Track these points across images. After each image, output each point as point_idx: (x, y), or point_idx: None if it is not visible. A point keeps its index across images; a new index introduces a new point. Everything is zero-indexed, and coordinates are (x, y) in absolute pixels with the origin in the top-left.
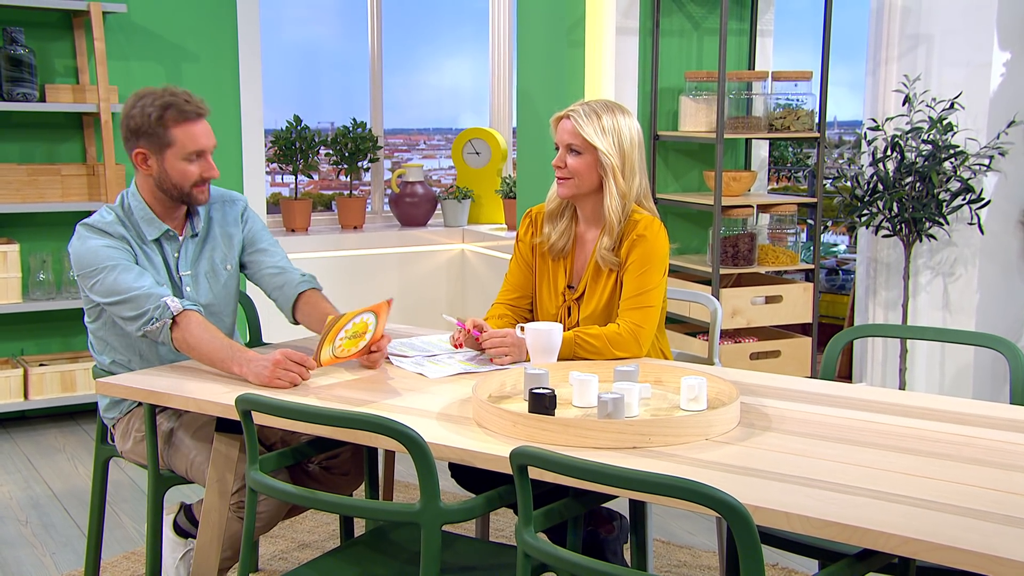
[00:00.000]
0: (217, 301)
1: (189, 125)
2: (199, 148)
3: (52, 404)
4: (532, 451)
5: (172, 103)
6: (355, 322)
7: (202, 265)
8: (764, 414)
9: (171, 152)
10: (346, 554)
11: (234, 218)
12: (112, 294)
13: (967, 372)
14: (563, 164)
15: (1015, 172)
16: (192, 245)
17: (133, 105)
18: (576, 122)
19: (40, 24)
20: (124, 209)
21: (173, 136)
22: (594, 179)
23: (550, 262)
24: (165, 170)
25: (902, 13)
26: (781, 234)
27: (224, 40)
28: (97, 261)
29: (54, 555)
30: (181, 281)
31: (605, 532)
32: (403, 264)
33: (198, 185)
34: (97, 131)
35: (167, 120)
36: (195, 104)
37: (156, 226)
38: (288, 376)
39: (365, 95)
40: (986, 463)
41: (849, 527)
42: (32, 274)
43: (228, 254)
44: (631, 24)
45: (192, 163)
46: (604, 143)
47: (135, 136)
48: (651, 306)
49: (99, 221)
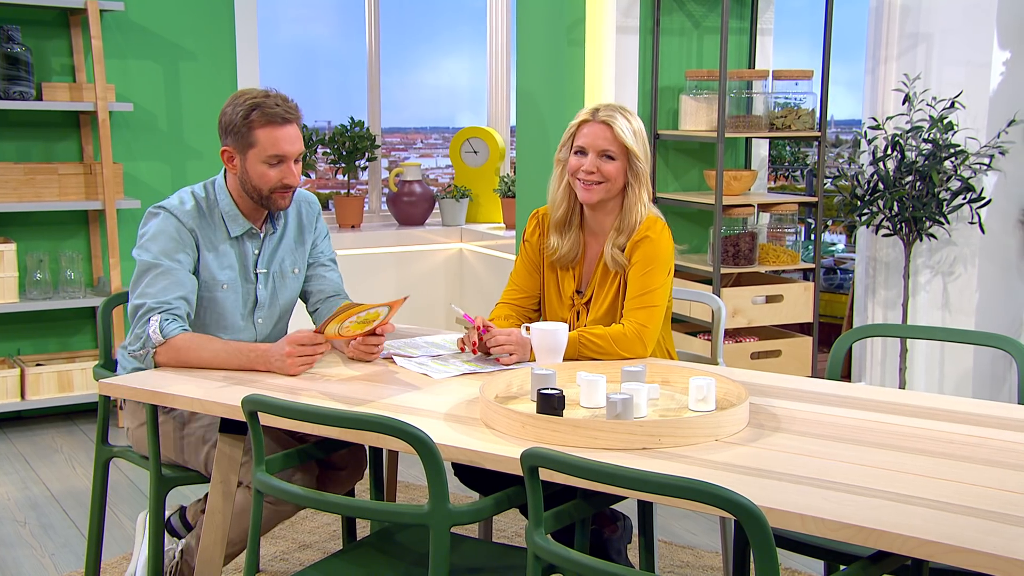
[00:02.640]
0: (282, 302)
1: (273, 128)
2: (279, 152)
3: (49, 404)
4: (544, 453)
5: (260, 104)
6: (369, 311)
7: (275, 265)
8: (773, 415)
9: (252, 153)
10: (352, 556)
11: (310, 220)
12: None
13: (967, 372)
14: (595, 169)
15: (1015, 171)
16: (271, 243)
17: (228, 103)
18: (617, 128)
19: (37, 22)
20: (208, 200)
21: (256, 137)
22: (621, 184)
23: (559, 269)
24: (246, 170)
25: (901, 12)
26: (780, 233)
27: (222, 38)
28: (150, 255)
29: (53, 556)
30: (257, 279)
31: (609, 532)
32: (401, 263)
33: (278, 190)
34: (94, 130)
35: (252, 121)
36: (284, 108)
37: (240, 223)
38: (307, 361)
39: (363, 94)
40: (1000, 464)
41: (866, 529)
42: (29, 273)
43: (298, 258)
44: (631, 23)
45: (272, 167)
46: (639, 148)
47: (224, 133)
48: (655, 306)
49: (177, 207)
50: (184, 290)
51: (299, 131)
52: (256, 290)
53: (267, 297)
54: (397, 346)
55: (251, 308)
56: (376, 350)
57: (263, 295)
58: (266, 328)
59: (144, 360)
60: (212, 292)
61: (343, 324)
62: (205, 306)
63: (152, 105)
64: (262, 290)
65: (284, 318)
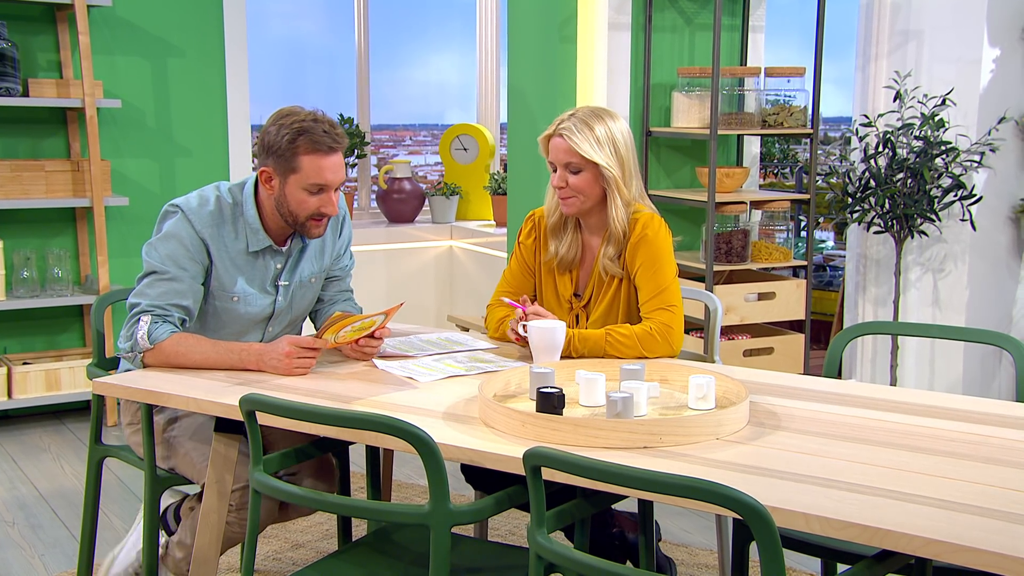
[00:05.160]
0: (298, 311)
1: (319, 157)
2: (323, 182)
3: (36, 403)
4: (547, 452)
5: (308, 130)
6: (363, 321)
7: (296, 277)
8: (772, 413)
9: (294, 179)
10: (350, 556)
11: (334, 228)
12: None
13: (957, 369)
14: (564, 184)
15: (1005, 168)
16: (295, 256)
17: (273, 122)
18: (570, 140)
19: (23, 17)
20: (233, 206)
21: (300, 163)
22: (598, 192)
23: (556, 273)
24: (285, 195)
25: (892, 9)
26: (771, 230)
27: (210, 35)
28: (157, 257)
29: (43, 556)
30: (278, 290)
31: (632, 532)
32: (391, 261)
33: (314, 218)
34: (82, 126)
35: (298, 146)
36: (332, 136)
37: (261, 239)
38: (305, 363)
39: (352, 90)
40: (1003, 463)
41: (870, 528)
42: (15, 271)
43: (317, 267)
44: (623, 20)
45: (312, 195)
46: (602, 156)
47: (265, 153)
48: (675, 305)
49: (194, 211)
50: (183, 299)
51: (343, 160)
52: (275, 302)
53: (284, 307)
54: (393, 345)
55: (266, 318)
56: (373, 352)
57: (281, 305)
58: (275, 336)
59: (133, 362)
60: (222, 302)
61: (339, 333)
62: (212, 314)
63: (140, 101)
64: (281, 301)
65: (296, 325)
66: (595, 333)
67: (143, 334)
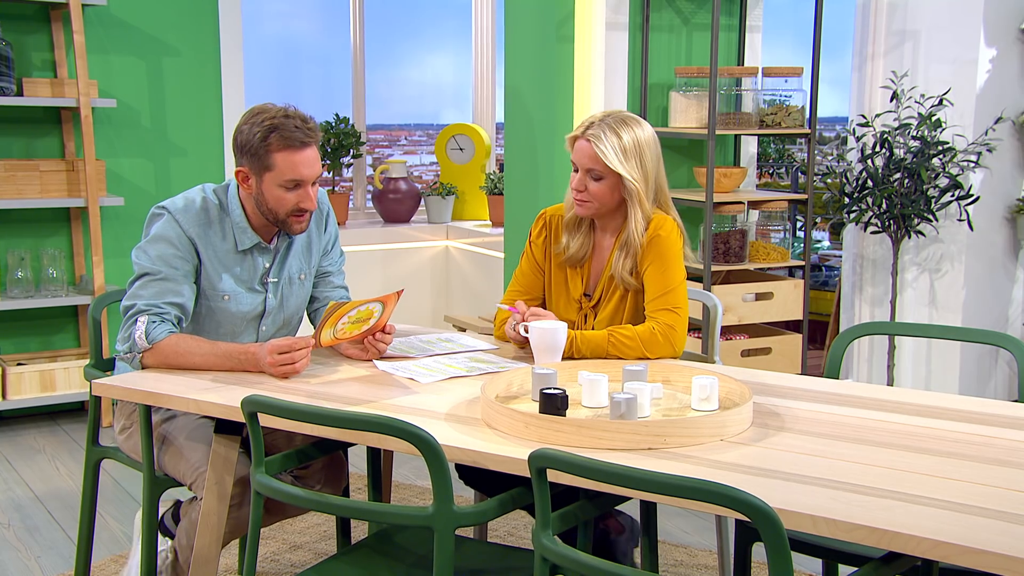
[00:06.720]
0: (290, 309)
1: (292, 152)
2: (298, 177)
3: (31, 404)
4: (553, 454)
5: (279, 126)
6: (360, 309)
7: (284, 273)
8: (776, 414)
9: (269, 176)
10: (351, 558)
11: (319, 222)
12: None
13: (954, 369)
14: (583, 188)
15: (1001, 168)
16: (282, 253)
17: (245, 120)
18: (596, 146)
19: (17, 16)
20: (220, 207)
21: (274, 161)
22: (616, 200)
23: (567, 270)
24: (263, 193)
25: (888, 9)
26: (768, 230)
27: (205, 34)
28: (147, 259)
29: (39, 559)
30: (267, 288)
31: (616, 534)
32: (387, 261)
33: (294, 214)
34: (76, 126)
35: (270, 143)
36: (304, 131)
37: (250, 236)
38: (288, 369)
39: (347, 90)
40: (1008, 463)
41: (878, 530)
42: (10, 271)
43: (305, 263)
44: (621, 19)
45: (289, 191)
46: (627, 168)
47: (240, 153)
48: (680, 307)
49: (181, 211)
50: (178, 297)
51: (318, 153)
52: (265, 300)
53: (275, 305)
54: (393, 346)
55: (258, 316)
56: (384, 348)
57: (272, 303)
58: (268, 335)
59: (132, 363)
60: (213, 302)
61: (336, 327)
62: (204, 314)
63: (135, 101)
64: (271, 299)
65: (290, 325)
66: (597, 334)
67: (140, 334)
